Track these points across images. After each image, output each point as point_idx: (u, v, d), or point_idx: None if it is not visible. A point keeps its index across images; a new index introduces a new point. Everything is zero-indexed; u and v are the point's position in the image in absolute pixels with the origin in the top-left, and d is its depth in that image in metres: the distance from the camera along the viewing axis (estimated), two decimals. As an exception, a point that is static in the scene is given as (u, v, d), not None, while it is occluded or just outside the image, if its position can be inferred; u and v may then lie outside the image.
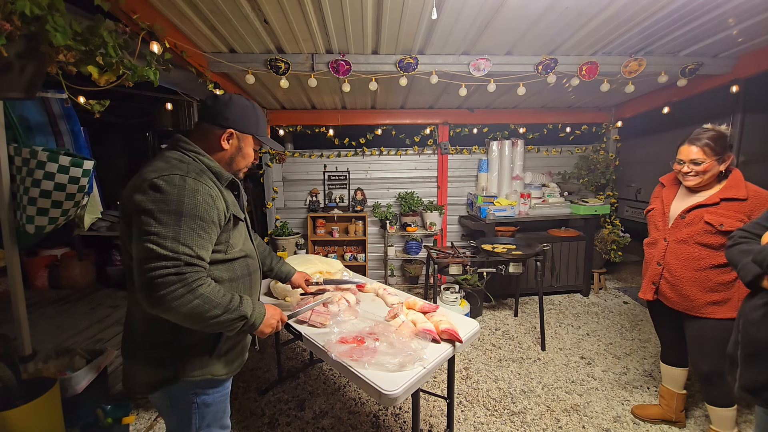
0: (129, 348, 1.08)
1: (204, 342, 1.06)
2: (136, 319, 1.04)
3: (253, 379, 2.45)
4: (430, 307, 1.59)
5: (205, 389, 1.10)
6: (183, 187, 0.91)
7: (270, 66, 2.37)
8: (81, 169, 1.73)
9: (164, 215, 0.88)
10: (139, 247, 0.88)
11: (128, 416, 1.82)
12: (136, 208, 0.90)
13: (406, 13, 1.93)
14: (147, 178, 0.92)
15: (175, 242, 0.88)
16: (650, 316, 1.98)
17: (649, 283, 1.82)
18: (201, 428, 1.12)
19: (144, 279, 0.86)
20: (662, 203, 1.80)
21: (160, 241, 0.87)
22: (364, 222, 4.12)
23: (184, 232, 0.90)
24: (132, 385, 1.08)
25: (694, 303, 1.65)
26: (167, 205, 0.89)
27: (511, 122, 4.09)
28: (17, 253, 1.70)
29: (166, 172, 0.92)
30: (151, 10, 1.77)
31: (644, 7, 1.91)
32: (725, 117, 3.01)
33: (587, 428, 1.97)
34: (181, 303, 0.88)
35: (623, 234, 3.84)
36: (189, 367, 1.04)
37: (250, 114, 1.12)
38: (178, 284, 0.87)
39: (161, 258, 0.86)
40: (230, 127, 1.08)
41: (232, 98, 1.10)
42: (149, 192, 0.90)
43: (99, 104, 1.52)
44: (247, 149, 1.15)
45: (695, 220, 1.62)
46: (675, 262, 1.69)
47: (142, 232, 0.88)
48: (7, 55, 1.03)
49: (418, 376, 1.19)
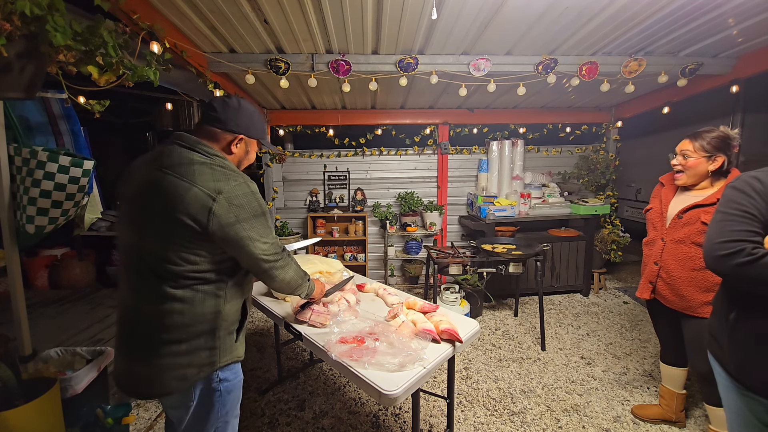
0: (146, 352, 1.02)
1: (233, 328, 1.12)
2: (170, 318, 0.99)
3: (253, 379, 2.45)
4: (430, 307, 1.59)
5: (228, 375, 1.12)
6: (254, 193, 1.06)
7: (270, 66, 2.37)
8: (81, 169, 1.73)
9: (254, 219, 1.05)
10: (252, 249, 1.04)
11: (128, 416, 1.81)
12: (231, 219, 0.99)
13: (406, 13, 1.93)
14: (219, 189, 0.98)
15: (270, 233, 1.10)
16: (649, 315, 1.98)
17: (647, 282, 1.83)
18: (221, 417, 1.14)
19: (266, 266, 1.10)
20: (660, 203, 1.81)
21: (264, 239, 1.07)
22: (364, 222, 4.12)
23: (269, 225, 1.10)
24: (155, 389, 1.04)
25: (690, 303, 1.66)
26: (255, 210, 1.05)
27: (511, 122, 4.10)
28: (17, 253, 1.70)
29: (231, 181, 1.02)
30: (151, 10, 1.77)
31: (644, 7, 1.91)
32: (725, 117, 3.01)
33: (587, 428, 1.97)
34: (289, 270, 1.19)
35: (623, 234, 3.84)
36: (222, 353, 1.08)
37: (257, 120, 1.17)
38: (286, 256, 1.17)
39: (271, 244, 1.09)
40: (241, 133, 1.11)
41: (242, 104, 1.13)
42: (236, 202, 1.00)
43: (99, 104, 1.52)
44: (251, 153, 1.20)
45: (692, 220, 1.62)
46: (672, 261, 1.70)
47: (247, 238, 1.03)
48: (7, 55, 1.03)
49: (418, 376, 1.19)
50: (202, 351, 1.04)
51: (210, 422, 1.13)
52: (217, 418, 1.13)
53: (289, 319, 1.60)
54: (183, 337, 1.02)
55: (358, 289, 1.92)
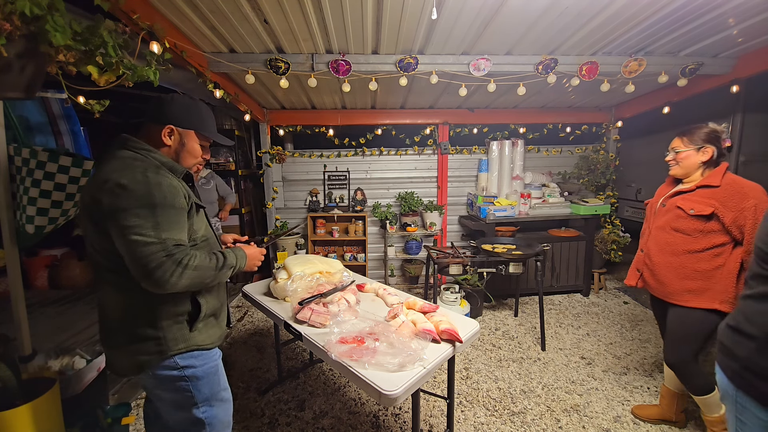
0: (109, 336, 1.14)
1: (182, 319, 1.14)
2: (113, 308, 1.10)
3: (253, 379, 2.45)
4: (430, 307, 1.59)
5: (192, 362, 1.15)
6: (147, 182, 0.99)
7: (270, 66, 2.37)
8: (81, 169, 1.73)
9: (139, 209, 0.96)
10: (126, 243, 0.96)
11: (128, 416, 1.81)
12: (109, 209, 0.96)
13: (406, 13, 1.93)
14: (109, 178, 0.98)
15: (156, 230, 0.98)
16: (652, 312, 2.02)
17: (634, 269, 1.90)
18: (200, 403, 1.18)
19: (140, 267, 0.96)
20: (657, 196, 1.87)
21: (143, 231, 0.96)
22: (364, 222, 4.12)
23: (162, 220, 0.99)
24: (118, 370, 1.15)
25: (669, 289, 1.71)
26: (138, 201, 0.96)
27: (511, 122, 4.09)
28: (17, 253, 1.70)
29: (126, 170, 0.99)
30: (151, 10, 1.77)
31: (644, 7, 1.91)
32: (725, 117, 3.01)
33: (587, 428, 1.97)
34: (180, 279, 1.00)
35: (623, 234, 3.84)
36: (172, 342, 1.11)
37: (192, 110, 1.18)
38: (171, 264, 0.98)
39: (149, 244, 0.96)
40: (170, 123, 1.14)
41: (174, 97, 1.17)
42: (117, 191, 0.96)
43: (99, 104, 1.52)
44: (191, 144, 1.19)
45: (671, 207, 1.70)
46: (653, 248, 1.78)
47: (124, 228, 0.96)
48: (7, 55, 1.03)
49: (418, 376, 1.19)
50: (148, 340, 1.09)
51: (190, 408, 1.18)
52: (199, 403, 1.18)
53: (289, 320, 1.60)
54: (125, 327, 1.10)
55: (358, 289, 1.92)
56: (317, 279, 1.77)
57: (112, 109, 1.83)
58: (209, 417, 1.21)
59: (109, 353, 1.16)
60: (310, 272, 1.81)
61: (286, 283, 1.76)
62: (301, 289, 1.68)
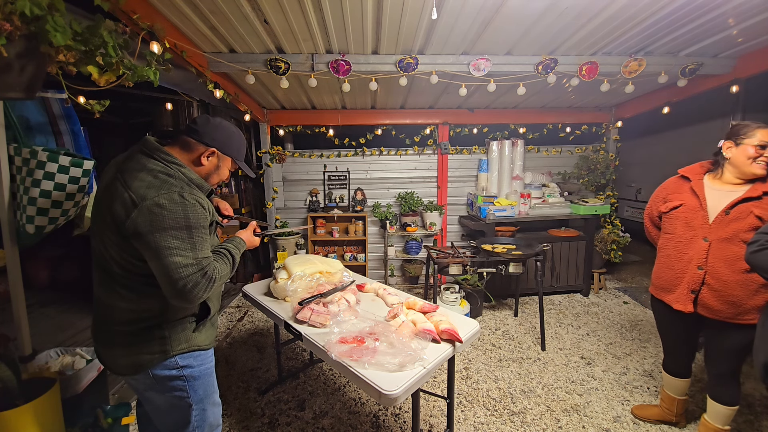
0: (108, 335, 1.14)
1: (192, 320, 1.18)
2: (122, 310, 1.10)
3: (253, 379, 2.45)
4: (430, 307, 1.59)
5: (190, 362, 1.17)
6: (185, 204, 1.03)
7: (270, 66, 2.37)
8: (81, 169, 1.73)
9: (177, 231, 1.01)
10: (163, 264, 0.99)
11: (128, 416, 1.81)
12: (146, 228, 0.98)
13: (406, 13, 1.93)
14: (146, 196, 0.99)
15: (194, 251, 1.03)
16: (659, 326, 1.85)
17: (687, 291, 1.58)
18: (196, 403, 1.20)
19: (178, 288, 1.00)
20: (697, 198, 1.60)
21: (183, 253, 1.01)
22: (364, 222, 4.12)
23: (197, 241, 1.05)
24: (113, 368, 1.16)
25: (740, 309, 1.48)
26: (176, 222, 1.01)
27: (511, 122, 4.10)
28: (17, 253, 1.70)
29: (163, 189, 1.01)
30: (151, 10, 1.77)
31: (644, 7, 1.91)
32: (725, 117, 3.01)
33: (587, 428, 1.97)
34: (207, 292, 1.06)
35: (623, 234, 3.84)
36: (176, 342, 1.14)
37: (234, 139, 1.24)
38: (205, 281, 1.05)
39: (187, 266, 1.01)
40: (215, 147, 1.18)
41: (223, 123, 1.22)
42: (155, 211, 0.99)
43: (99, 104, 1.52)
44: (223, 169, 1.25)
45: (742, 216, 1.46)
46: (721, 264, 1.50)
47: (163, 248, 0.99)
48: (7, 55, 1.03)
49: (418, 376, 1.19)
50: (153, 341, 1.11)
51: (184, 409, 1.19)
52: (195, 404, 1.20)
53: (289, 319, 1.60)
54: (131, 329, 1.10)
55: (358, 289, 1.92)
56: (317, 279, 1.77)
57: (113, 109, 1.83)
58: (199, 420, 1.22)
59: (104, 351, 1.16)
60: (310, 272, 1.82)
61: (286, 283, 1.76)
62: (301, 289, 1.68)
